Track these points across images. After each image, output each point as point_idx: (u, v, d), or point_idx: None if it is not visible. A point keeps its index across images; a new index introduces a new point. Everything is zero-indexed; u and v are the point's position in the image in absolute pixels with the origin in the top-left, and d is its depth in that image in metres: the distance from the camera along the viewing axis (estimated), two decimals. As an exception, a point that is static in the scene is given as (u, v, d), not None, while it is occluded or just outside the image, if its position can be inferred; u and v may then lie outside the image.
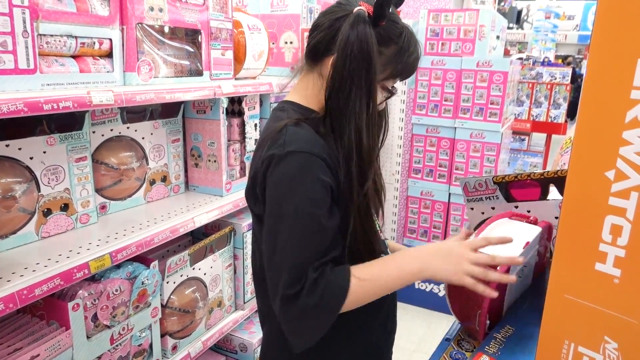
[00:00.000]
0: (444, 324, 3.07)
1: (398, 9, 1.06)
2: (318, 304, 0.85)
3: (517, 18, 10.60)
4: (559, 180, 1.04)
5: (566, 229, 0.63)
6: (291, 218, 0.88)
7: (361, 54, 0.90)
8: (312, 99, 1.02)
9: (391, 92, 1.03)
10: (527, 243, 0.93)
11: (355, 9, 0.93)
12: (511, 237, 0.90)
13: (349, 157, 0.92)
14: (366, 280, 0.90)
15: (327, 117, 0.96)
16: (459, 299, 0.96)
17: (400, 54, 0.97)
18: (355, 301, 0.90)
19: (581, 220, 0.61)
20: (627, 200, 0.56)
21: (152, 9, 1.32)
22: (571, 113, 4.89)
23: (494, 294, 0.86)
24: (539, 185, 1.07)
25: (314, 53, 1.01)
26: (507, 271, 0.90)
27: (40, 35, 1.07)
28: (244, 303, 1.85)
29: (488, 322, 0.92)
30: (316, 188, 0.89)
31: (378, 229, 1.08)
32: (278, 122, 0.97)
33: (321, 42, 0.98)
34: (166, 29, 1.43)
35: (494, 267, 0.89)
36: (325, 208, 0.89)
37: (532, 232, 0.98)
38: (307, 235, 0.88)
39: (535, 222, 1.02)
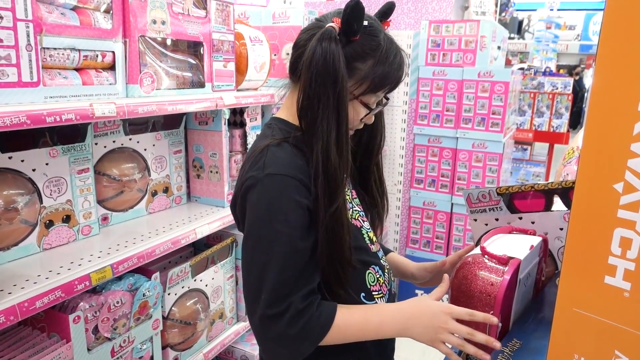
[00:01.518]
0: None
1: (387, 20, 1.04)
2: (297, 335, 0.87)
3: (518, 28, 10.65)
4: (563, 192, 1.04)
5: (575, 241, 0.62)
6: (268, 240, 0.89)
7: (326, 71, 0.88)
8: (297, 116, 0.99)
9: (371, 109, 0.99)
10: (532, 246, 0.95)
11: (327, 25, 0.91)
12: (497, 320, 0.88)
13: (316, 176, 0.91)
14: (345, 330, 0.91)
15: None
16: (464, 306, 0.95)
17: (377, 67, 0.93)
18: (328, 341, 0.91)
19: (590, 233, 0.60)
20: (636, 213, 0.56)
21: (154, 21, 1.33)
22: (573, 123, 4.89)
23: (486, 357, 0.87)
24: (543, 196, 1.07)
25: (294, 70, 1.00)
26: (516, 275, 0.89)
27: (44, 48, 1.07)
28: (246, 314, 1.83)
29: (500, 325, 0.91)
30: (291, 209, 0.89)
31: (368, 242, 1.06)
32: (263, 140, 0.97)
33: (298, 59, 0.96)
34: (168, 42, 1.43)
35: (503, 264, 0.88)
36: (300, 230, 0.89)
37: (535, 240, 0.99)
38: (284, 257, 0.88)
39: (534, 235, 1.03)
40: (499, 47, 3.35)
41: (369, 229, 1.10)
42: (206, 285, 1.62)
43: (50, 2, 1.10)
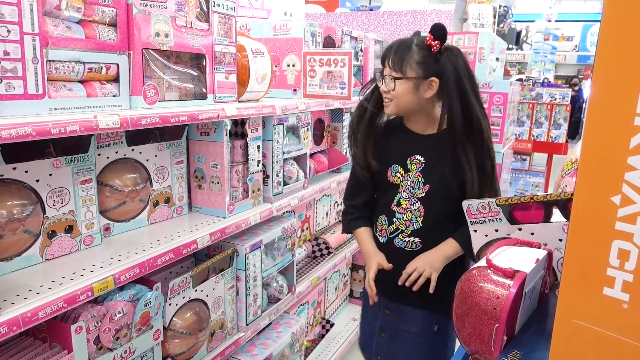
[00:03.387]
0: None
1: (437, 42, 1.43)
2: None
3: (516, 39, 10.74)
4: (562, 203, 1.05)
5: (573, 253, 0.63)
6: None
7: None
8: None
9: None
10: (537, 260, 0.95)
11: None
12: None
13: None
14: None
15: None
16: (468, 319, 0.95)
17: None
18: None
19: (588, 245, 0.61)
20: (634, 225, 0.57)
21: (158, 34, 1.35)
22: (572, 133, 4.92)
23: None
24: (542, 207, 1.07)
25: None
26: (521, 288, 0.90)
27: (50, 61, 1.09)
28: (246, 325, 1.83)
29: (505, 338, 0.91)
30: None
31: (395, 202, 1.57)
32: None
33: None
34: (171, 54, 1.45)
35: (509, 277, 0.89)
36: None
37: (540, 253, 0.99)
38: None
39: (539, 248, 1.03)
40: (497, 59, 3.38)
41: (407, 196, 1.54)
42: (207, 296, 1.62)
43: (56, 15, 1.12)
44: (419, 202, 1.52)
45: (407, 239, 1.54)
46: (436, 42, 1.41)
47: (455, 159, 1.46)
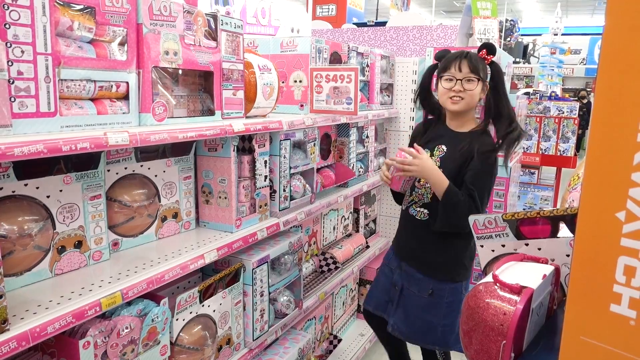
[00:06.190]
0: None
1: (491, 56, 1.88)
2: None
3: (523, 53, 10.76)
4: (569, 218, 1.04)
5: (579, 270, 0.62)
6: None
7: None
8: None
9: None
10: (545, 275, 0.95)
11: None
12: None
13: None
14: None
15: None
16: (475, 335, 0.95)
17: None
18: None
19: (594, 261, 0.61)
20: (639, 241, 0.57)
21: (167, 52, 1.37)
22: (580, 146, 4.91)
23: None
24: (549, 222, 1.07)
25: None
26: (529, 304, 0.89)
27: (62, 80, 1.11)
28: (253, 340, 1.82)
29: (513, 355, 0.90)
30: None
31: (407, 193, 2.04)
32: None
33: None
34: (180, 72, 1.48)
35: (516, 293, 0.89)
36: None
37: (547, 269, 0.99)
38: None
39: (546, 264, 1.02)
40: (504, 73, 3.38)
41: (418, 188, 1.96)
42: (214, 311, 1.63)
43: (68, 35, 1.14)
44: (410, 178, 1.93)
45: (418, 209, 1.95)
46: (490, 56, 1.87)
47: (470, 148, 1.83)
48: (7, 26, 0.99)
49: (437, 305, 1.93)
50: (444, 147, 1.91)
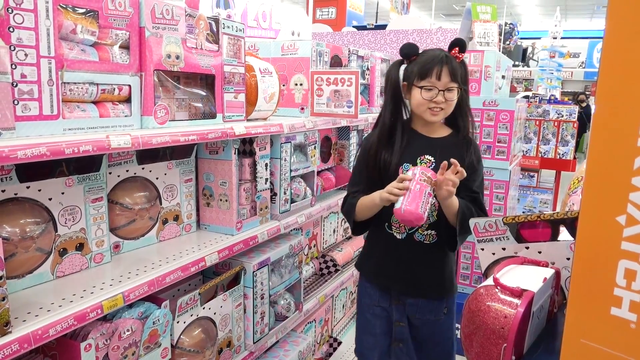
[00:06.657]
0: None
1: (462, 54, 1.65)
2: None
3: (522, 56, 10.78)
4: (569, 221, 1.05)
5: (580, 273, 0.63)
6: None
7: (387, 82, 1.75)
8: None
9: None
10: (545, 279, 0.95)
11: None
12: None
13: None
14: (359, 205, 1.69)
15: None
16: (476, 339, 0.95)
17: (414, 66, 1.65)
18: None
19: (595, 265, 0.61)
20: (639, 245, 0.57)
21: (169, 56, 1.38)
22: (577, 149, 4.92)
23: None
24: (549, 226, 1.08)
25: None
26: (529, 307, 0.90)
27: (64, 83, 1.12)
28: (254, 343, 1.83)
29: (514, 358, 0.90)
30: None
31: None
32: None
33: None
34: (182, 75, 1.48)
35: (517, 296, 0.89)
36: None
37: (547, 272, 0.99)
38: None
39: (546, 267, 1.03)
40: (503, 76, 3.40)
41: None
42: (215, 313, 1.63)
43: (71, 39, 1.15)
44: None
45: (425, 232, 1.69)
46: (461, 54, 1.63)
47: (467, 159, 1.65)
48: (10, 29, 0.99)
49: (452, 318, 1.81)
50: (429, 157, 1.66)
